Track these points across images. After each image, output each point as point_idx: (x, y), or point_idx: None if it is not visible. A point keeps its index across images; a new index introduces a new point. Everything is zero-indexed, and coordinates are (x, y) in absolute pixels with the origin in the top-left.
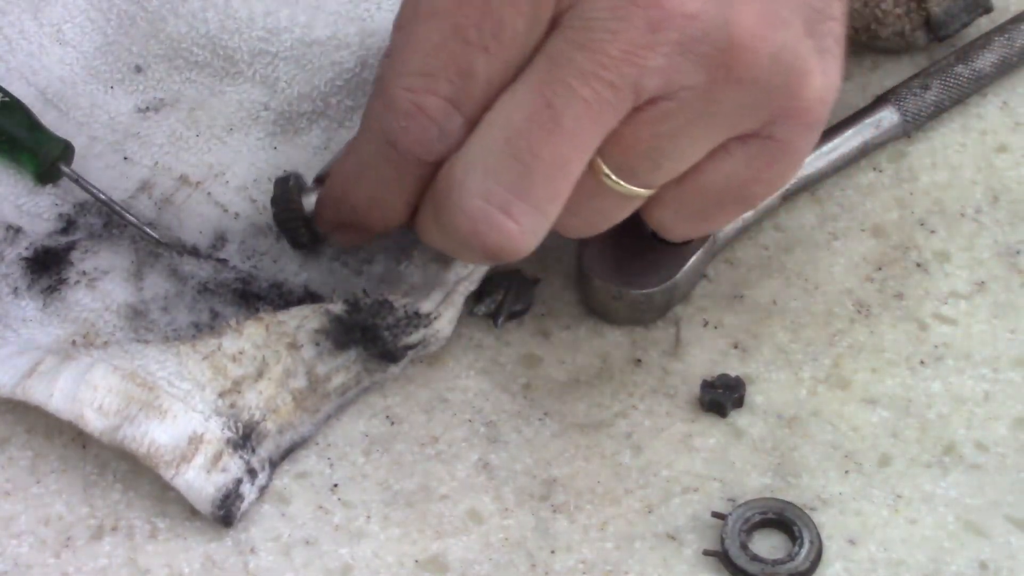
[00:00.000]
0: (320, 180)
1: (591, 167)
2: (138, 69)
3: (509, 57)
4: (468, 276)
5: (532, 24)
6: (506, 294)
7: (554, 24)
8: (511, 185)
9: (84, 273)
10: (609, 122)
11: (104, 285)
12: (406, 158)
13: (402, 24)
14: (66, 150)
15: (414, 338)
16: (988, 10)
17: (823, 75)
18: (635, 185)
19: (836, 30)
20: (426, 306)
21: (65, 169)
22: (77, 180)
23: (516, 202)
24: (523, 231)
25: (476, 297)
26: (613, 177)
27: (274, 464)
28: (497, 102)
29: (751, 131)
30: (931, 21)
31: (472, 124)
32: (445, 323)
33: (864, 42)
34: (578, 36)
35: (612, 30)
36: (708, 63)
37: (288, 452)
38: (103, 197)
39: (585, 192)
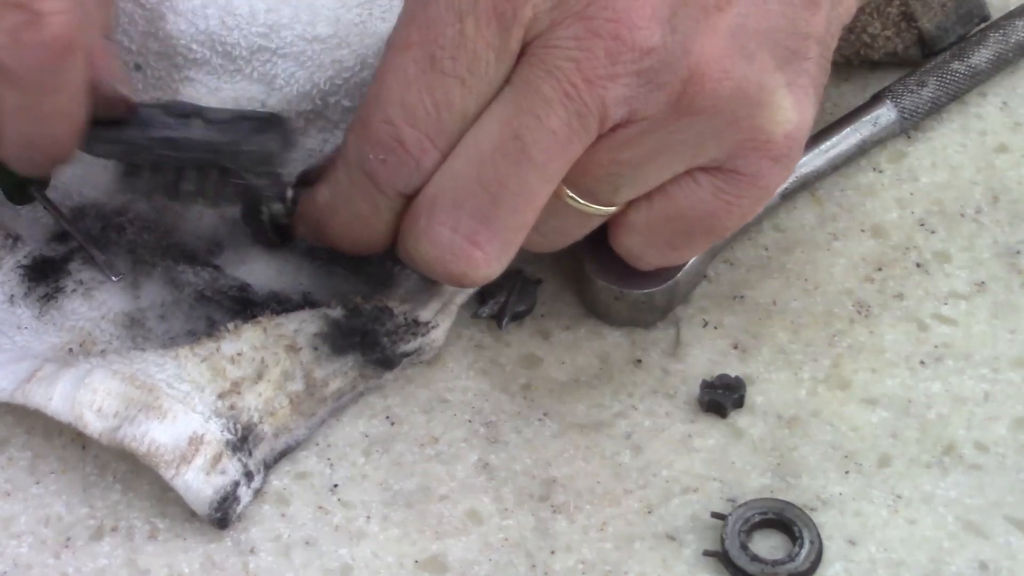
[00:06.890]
0: (302, 178)
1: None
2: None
3: (482, 89)
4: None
5: (501, 55)
6: (509, 295)
7: (522, 55)
8: (478, 215)
9: (81, 282)
10: (575, 151)
11: (101, 294)
12: (383, 191)
13: (384, 55)
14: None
15: (411, 346)
16: (984, 19)
17: (792, 111)
18: (596, 204)
19: (812, 71)
20: (425, 314)
21: (36, 193)
22: (46, 206)
23: (483, 231)
24: (488, 259)
25: (479, 299)
26: (575, 198)
27: (268, 467)
28: (468, 133)
29: (716, 162)
30: (924, 38)
31: (447, 157)
32: (441, 332)
33: (857, 65)
34: (544, 64)
35: (576, 59)
36: (669, 92)
37: (281, 456)
38: (65, 225)
39: (547, 210)
